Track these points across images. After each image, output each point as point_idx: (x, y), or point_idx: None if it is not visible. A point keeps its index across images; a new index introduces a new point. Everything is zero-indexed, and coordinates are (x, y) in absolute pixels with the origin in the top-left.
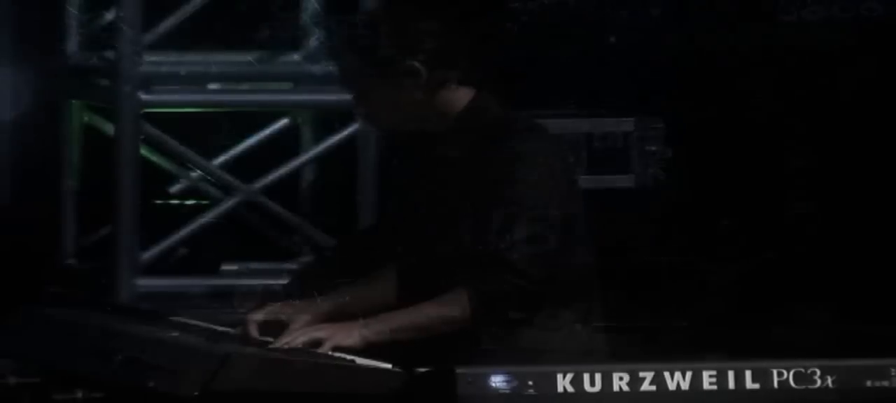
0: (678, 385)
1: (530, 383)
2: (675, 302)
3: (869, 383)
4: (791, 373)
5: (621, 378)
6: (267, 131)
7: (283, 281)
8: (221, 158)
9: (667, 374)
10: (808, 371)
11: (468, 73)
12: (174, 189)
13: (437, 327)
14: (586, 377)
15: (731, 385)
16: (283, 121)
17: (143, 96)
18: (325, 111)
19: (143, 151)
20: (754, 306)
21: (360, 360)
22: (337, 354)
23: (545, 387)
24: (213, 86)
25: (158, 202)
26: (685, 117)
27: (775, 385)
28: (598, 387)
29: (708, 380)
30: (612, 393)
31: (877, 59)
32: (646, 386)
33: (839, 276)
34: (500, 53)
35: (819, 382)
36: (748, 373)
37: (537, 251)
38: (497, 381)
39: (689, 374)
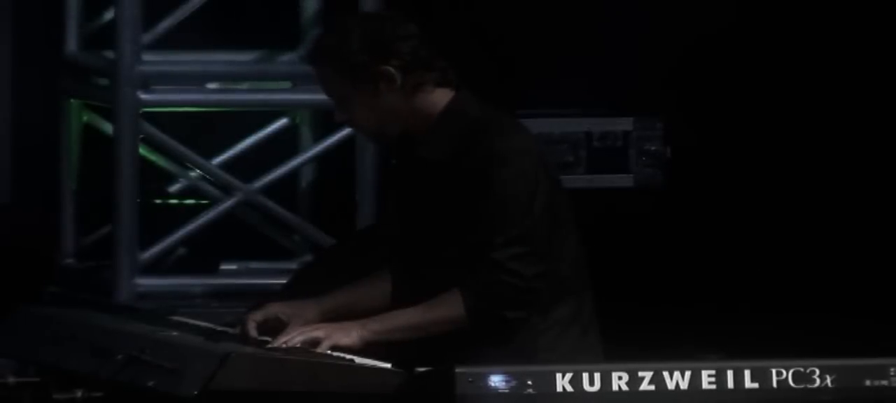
0: (677, 384)
1: (529, 383)
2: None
3: (868, 382)
4: (790, 373)
5: (620, 378)
6: (266, 131)
7: (283, 281)
8: (220, 158)
9: (666, 374)
10: (807, 371)
11: (445, 75)
12: (173, 188)
13: (434, 327)
14: (585, 376)
15: (730, 384)
16: (283, 121)
17: (143, 96)
18: (324, 110)
19: (143, 151)
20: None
21: (358, 360)
22: (336, 353)
23: (544, 387)
24: (212, 85)
25: (158, 201)
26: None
27: (774, 384)
28: (597, 387)
29: (707, 380)
30: (611, 393)
31: None
32: (645, 386)
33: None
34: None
35: (818, 381)
36: (747, 372)
37: (527, 249)
38: (496, 381)
39: (688, 374)
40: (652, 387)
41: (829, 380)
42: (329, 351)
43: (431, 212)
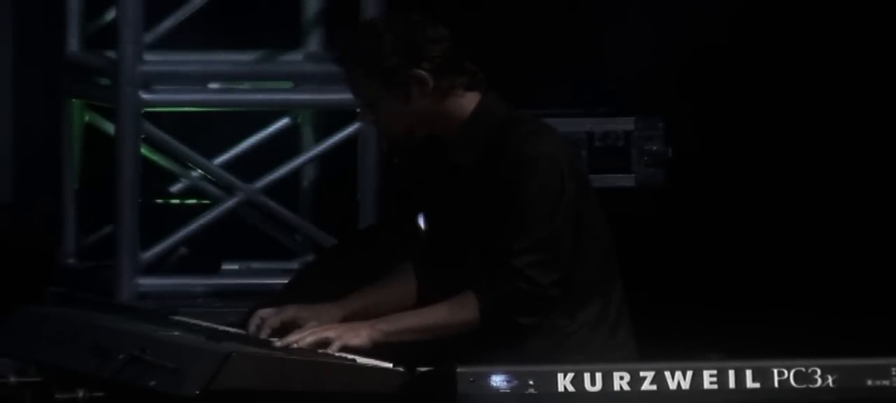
0: (679, 384)
1: (531, 382)
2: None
3: (870, 382)
4: (792, 372)
5: (622, 378)
6: (268, 130)
7: (284, 281)
8: (222, 158)
9: (667, 373)
10: (809, 371)
11: (474, 78)
12: (175, 188)
13: (446, 329)
14: (587, 376)
15: (732, 384)
16: (284, 121)
17: (144, 95)
18: (325, 110)
19: (144, 151)
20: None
21: (360, 359)
22: (339, 354)
23: (546, 387)
24: (213, 85)
25: (159, 201)
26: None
27: (776, 384)
28: (598, 387)
29: (708, 380)
30: (612, 393)
31: None
32: (646, 386)
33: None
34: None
35: (819, 381)
36: (749, 372)
37: (545, 256)
38: (497, 381)
39: (689, 373)
40: (653, 387)
41: (830, 380)
42: (337, 352)
43: (461, 216)
